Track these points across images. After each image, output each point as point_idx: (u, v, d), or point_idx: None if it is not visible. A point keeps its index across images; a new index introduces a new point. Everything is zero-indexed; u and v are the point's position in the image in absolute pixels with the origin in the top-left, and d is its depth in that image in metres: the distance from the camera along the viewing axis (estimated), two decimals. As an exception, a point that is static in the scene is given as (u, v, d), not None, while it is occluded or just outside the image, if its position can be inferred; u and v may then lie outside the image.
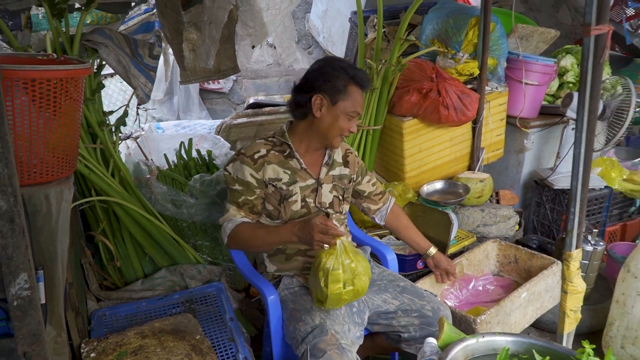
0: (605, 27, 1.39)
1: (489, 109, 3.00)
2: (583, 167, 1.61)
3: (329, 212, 1.98)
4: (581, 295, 1.82)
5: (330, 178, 2.00)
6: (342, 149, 2.08)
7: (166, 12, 2.16)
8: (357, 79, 1.85)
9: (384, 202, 2.24)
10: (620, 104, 3.00)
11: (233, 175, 1.90)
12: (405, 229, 2.27)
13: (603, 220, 3.19)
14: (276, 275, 1.99)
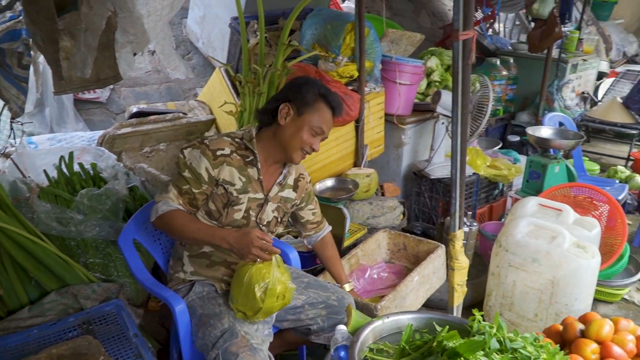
0: (471, 33, 1.59)
1: (369, 109, 3.20)
2: (460, 157, 1.80)
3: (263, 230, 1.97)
4: (466, 270, 2.04)
5: (278, 198, 1.98)
6: (297, 172, 2.07)
7: (38, 19, 2.02)
8: (328, 98, 1.87)
9: (316, 231, 2.23)
10: (480, 99, 3.37)
11: (187, 161, 1.83)
12: (328, 260, 2.27)
13: (474, 204, 3.55)
14: (188, 279, 1.94)
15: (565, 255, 2.36)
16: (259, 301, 1.70)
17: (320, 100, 1.85)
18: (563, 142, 3.26)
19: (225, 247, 1.74)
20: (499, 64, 4.71)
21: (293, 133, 1.84)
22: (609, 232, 3.02)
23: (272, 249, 1.71)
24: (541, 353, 1.31)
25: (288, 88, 1.90)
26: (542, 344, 1.41)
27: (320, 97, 1.85)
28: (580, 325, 1.68)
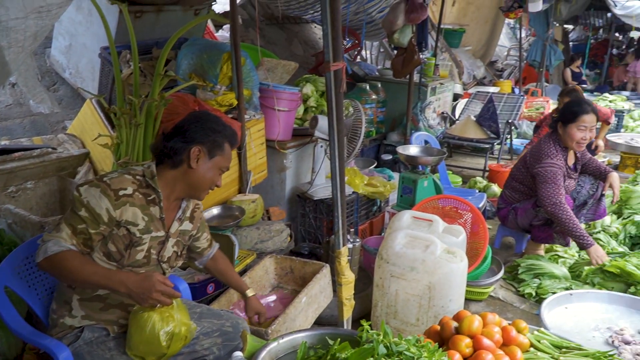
0: (341, 64, 1.73)
1: (250, 135, 3.26)
2: (339, 177, 1.93)
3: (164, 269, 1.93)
4: (352, 285, 2.16)
5: (177, 233, 1.95)
6: (193, 203, 2.04)
7: None
8: (232, 138, 1.93)
9: (207, 252, 2.23)
10: (353, 123, 3.59)
11: (84, 199, 1.70)
12: (224, 273, 2.28)
13: (355, 221, 3.74)
14: (77, 325, 1.81)
15: (439, 262, 2.59)
16: (164, 348, 1.67)
17: (226, 141, 1.91)
18: (429, 159, 3.58)
19: (123, 292, 1.65)
20: (369, 88, 5.06)
21: (205, 175, 1.86)
22: (474, 237, 3.36)
23: (174, 293, 1.68)
24: (422, 352, 1.44)
25: (196, 130, 1.86)
26: (423, 344, 1.55)
27: (226, 138, 1.91)
28: (454, 323, 1.87)
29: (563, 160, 3.43)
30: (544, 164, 3.37)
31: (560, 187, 3.32)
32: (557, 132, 3.48)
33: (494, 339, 1.78)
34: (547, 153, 3.42)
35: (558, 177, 3.33)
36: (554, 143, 3.47)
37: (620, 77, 12.42)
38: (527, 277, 3.37)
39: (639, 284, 2.99)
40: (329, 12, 1.63)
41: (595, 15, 12.15)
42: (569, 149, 3.48)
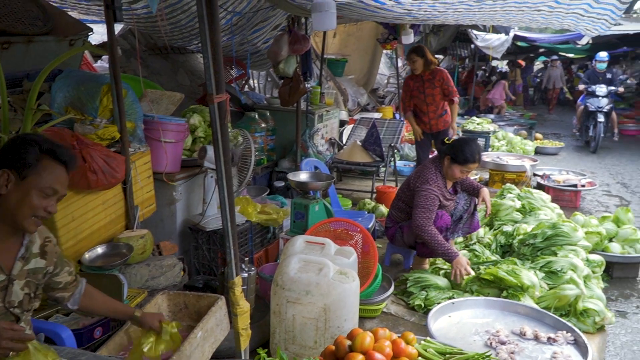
0: (224, 96, 1.76)
1: (136, 169, 3.16)
2: (229, 207, 1.94)
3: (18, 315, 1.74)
4: (248, 314, 2.16)
5: (25, 273, 1.75)
6: (41, 237, 1.84)
7: None
8: (55, 153, 1.70)
9: (76, 287, 2.04)
10: (243, 152, 3.62)
11: None
12: (103, 305, 2.12)
13: (250, 249, 3.74)
14: None
15: (332, 283, 2.67)
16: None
17: (44, 157, 1.69)
18: (318, 184, 3.70)
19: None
20: (257, 117, 5.12)
21: (19, 200, 1.65)
22: (365, 256, 3.51)
23: (25, 337, 1.54)
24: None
25: (2, 152, 1.68)
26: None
27: (45, 154, 1.69)
28: (348, 342, 1.94)
29: (442, 184, 3.74)
30: (423, 188, 3.65)
31: (431, 212, 3.59)
32: (442, 159, 3.76)
33: (384, 353, 1.87)
34: (427, 178, 3.70)
35: (432, 202, 3.61)
36: (436, 169, 3.76)
37: (486, 102, 13.78)
38: (415, 289, 3.58)
39: (510, 288, 3.30)
40: (209, 45, 1.66)
41: (461, 46, 13.41)
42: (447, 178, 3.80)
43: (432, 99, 5.46)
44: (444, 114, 5.59)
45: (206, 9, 1.59)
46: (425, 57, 5.35)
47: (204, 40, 1.64)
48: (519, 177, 6.55)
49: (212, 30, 1.62)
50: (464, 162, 3.64)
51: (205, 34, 1.62)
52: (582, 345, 2.62)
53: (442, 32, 9.92)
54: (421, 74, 5.41)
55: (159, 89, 3.75)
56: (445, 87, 5.43)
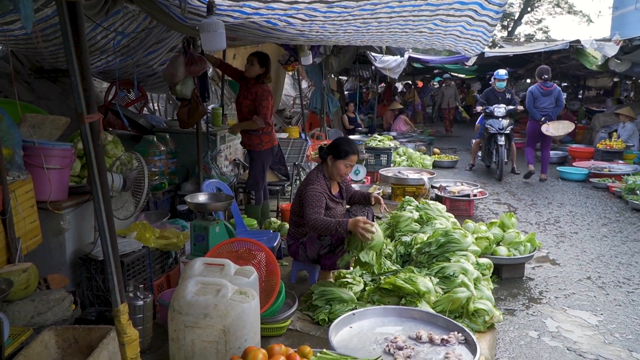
0: (96, 116, 1.70)
1: (16, 198, 2.94)
2: (109, 233, 1.86)
3: None
4: (136, 342, 2.07)
5: None
6: None
7: None
8: None
9: None
10: (137, 175, 3.50)
11: None
12: None
13: (149, 276, 3.60)
14: None
15: (230, 304, 2.64)
16: None
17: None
18: (217, 204, 3.66)
19: None
20: (156, 140, 4.98)
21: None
22: (269, 275, 3.50)
23: None
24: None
25: None
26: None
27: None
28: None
29: (326, 186, 3.90)
30: (308, 189, 3.79)
31: (319, 207, 3.70)
32: (325, 165, 3.94)
33: (278, 368, 1.87)
34: (311, 180, 3.87)
35: (319, 199, 3.74)
36: (320, 173, 3.95)
37: (389, 120, 14.39)
38: (320, 303, 3.62)
39: (408, 295, 3.44)
40: (76, 63, 1.60)
41: (362, 68, 13.97)
42: (332, 180, 3.95)
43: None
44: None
45: (70, 26, 1.53)
46: (267, 66, 5.06)
47: (69, 58, 1.58)
48: (419, 190, 6.90)
49: (78, 47, 1.57)
50: (345, 156, 3.86)
51: (70, 51, 1.57)
52: (472, 344, 2.78)
53: (343, 53, 10.27)
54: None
55: (42, 113, 3.54)
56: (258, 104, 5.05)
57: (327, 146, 4.00)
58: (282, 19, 3.47)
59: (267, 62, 5.11)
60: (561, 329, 3.69)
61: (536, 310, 3.98)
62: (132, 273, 3.38)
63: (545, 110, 8.68)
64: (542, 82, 8.73)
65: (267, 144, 5.21)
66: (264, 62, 5.09)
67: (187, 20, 3.41)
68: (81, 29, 1.55)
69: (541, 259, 5.11)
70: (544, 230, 6.11)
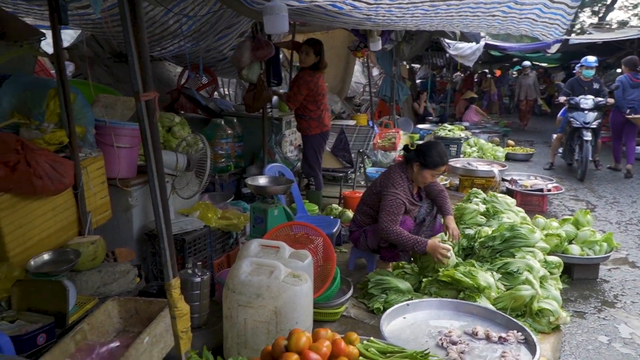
0: (152, 94, 1.75)
1: (88, 174, 3.11)
2: (162, 208, 1.92)
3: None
4: (187, 316, 2.12)
5: None
6: None
7: None
8: None
9: None
10: (201, 157, 3.60)
11: None
12: None
13: (209, 255, 3.70)
14: None
15: (283, 286, 2.65)
16: None
17: None
18: (277, 188, 3.69)
19: None
20: (224, 124, 5.10)
21: None
22: (325, 261, 3.49)
23: None
24: (239, 371, 1.46)
25: None
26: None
27: None
28: (285, 342, 1.92)
29: (408, 190, 3.76)
30: (389, 192, 3.68)
31: (397, 215, 3.62)
32: (409, 165, 3.78)
33: (320, 352, 1.86)
34: (394, 182, 3.73)
35: (398, 207, 3.64)
36: (403, 174, 3.79)
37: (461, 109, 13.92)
38: (376, 291, 3.58)
39: (467, 289, 3.31)
40: (133, 43, 1.65)
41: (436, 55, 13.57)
42: (415, 183, 3.83)
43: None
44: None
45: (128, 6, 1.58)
46: (321, 54, 4.99)
47: (126, 37, 1.63)
48: (488, 182, 6.62)
49: (135, 28, 1.61)
50: (434, 166, 3.70)
51: (128, 30, 1.61)
52: (532, 344, 2.64)
53: (415, 40, 10.02)
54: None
55: (115, 94, 3.72)
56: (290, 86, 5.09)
57: (416, 150, 3.77)
58: (347, 2, 3.41)
59: (321, 50, 5.05)
60: (635, 335, 3.42)
61: (609, 314, 3.72)
62: (193, 251, 3.50)
63: (632, 102, 8.02)
64: (633, 73, 8.07)
65: (315, 128, 5.17)
66: (318, 51, 5.03)
67: (253, 4, 3.44)
68: (138, 8, 1.59)
69: (619, 260, 4.75)
70: (624, 230, 5.69)
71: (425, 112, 12.32)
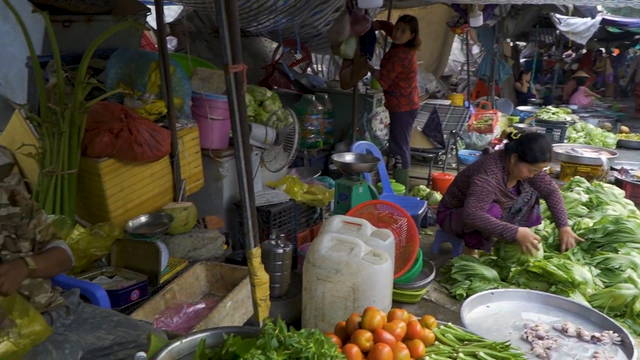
0: (241, 66, 1.78)
1: (183, 144, 3.28)
2: (247, 179, 1.97)
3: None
4: (266, 285, 2.18)
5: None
6: (7, 192, 2.02)
7: None
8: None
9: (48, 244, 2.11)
10: (290, 131, 3.65)
11: None
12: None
13: (294, 228, 3.78)
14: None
15: (362, 263, 2.64)
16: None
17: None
18: (363, 165, 3.66)
19: None
20: (315, 99, 5.13)
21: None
22: (409, 242, 3.44)
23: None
24: (309, 343, 1.47)
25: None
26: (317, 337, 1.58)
27: None
28: (359, 319, 1.91)
29: (500, 181, 3.51)
30: (479, 177, 3.48)
31: (484, 203, 3.42)
32: (508, 155, 3.52)
33: (394, 332, 1.83)
34: (486, 169, 3.52)
35: (487, 194, 3.43)
36: (500, 162, 3.54)
37: (568, 91, 12.88)
38: (460, 277, 3.46)
39: (559, 282, 3.10)
40: (224, 15, 1.68)
41: (545, 32, 12.63)
42: (511, 175, 3.55)
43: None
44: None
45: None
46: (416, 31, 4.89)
47: (218, 9, 1.66)
48: (594, 171, 6.11)
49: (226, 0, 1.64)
50: (533, 161, 3.39)
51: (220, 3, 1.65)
52: (629, 347, 2.42)
53: (521, 15, 9.38)
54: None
55: (212, 68, 3.86)
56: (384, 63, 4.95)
57: (517, 140, 3.50)
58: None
59: (417, 27, 4.90)
60: None
61: None
62: (278, 223, 3.58)
63: None
64: None
65: (404, 106, 5.02)
66: (414, 28, 4.86)
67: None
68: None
69: None
70: None
71: (529, 93, 11.56)
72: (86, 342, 1.96)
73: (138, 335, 2.02)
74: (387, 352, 1.73)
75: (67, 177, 2.80)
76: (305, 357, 1.46)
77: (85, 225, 2.94)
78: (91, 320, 2.07)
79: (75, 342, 1.92)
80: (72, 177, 2.82)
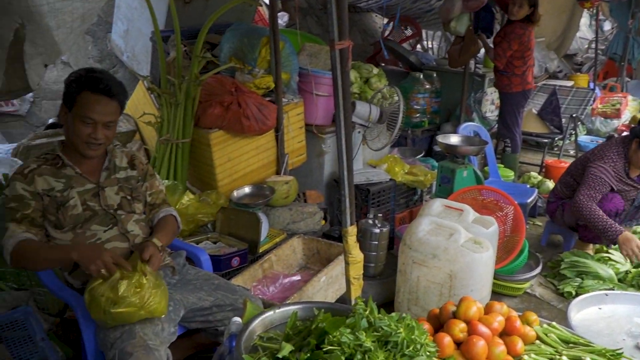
0: (346, 43, 1.75)
1: (288, 119, 3.34)
2: (346, 156, 1.96)
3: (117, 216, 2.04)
4: (360, 264, 2.18)
5: (115, 181, 2.08)
6: (127, 156, 2.18)
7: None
8: (92, 85, 1.90)
9: (156, 213, 2.23)
10: (394, 110, 3.57)
11: (9, 195, 1.92)
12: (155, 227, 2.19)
13: (392, 208, 3.73)
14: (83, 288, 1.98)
15: (461, 250, 2.54)
16: (107, 312, 1.75)
17: (84, 89, 1.90)
18: (468, 148, 3.50)
19: (74, 258, 1.81)
20: (422, 77, 4.97)
21: (69, 129, 1.95)
22: (514, 232, 3.25)
23: (121, 263, 1.80)
24: (399, 328, 1.45)
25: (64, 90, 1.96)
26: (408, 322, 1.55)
27: (85, 88, 1.90)
28: (453, 307, 1.85)
29: (621, 169, 3.26)
30: (595, 164, 3.24)
31: (597, 192, 3.19)
32: (630, 143, 3.26)
33: (491, 326, 1.74)
34: (604, 156, 3.27)
35: (601, 183, 3.19)
36: (621, 148, 3.28)
37: None
38: (570, 273, 3.23)
39: (688, 289, 2.78)
40: (331, -9, 1.66)
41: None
42: (632, 164, 3.28)
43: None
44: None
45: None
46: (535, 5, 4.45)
47: (325, -16, 1.64)
48: None
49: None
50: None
51: (327, -22, 1.63)
52: None
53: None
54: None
55: (320, 44, 3.87)
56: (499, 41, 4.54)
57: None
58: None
59: (536, 1, 4.46)
60: None
61: None
62: (377, 202, 3.55)
63: None
64: None
65: (517, 86, 4.64)
66: (533, 1, 4.43)
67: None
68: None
69: None
70: None
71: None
72: (188, 301, 2.08)
73: (235, 300, 2.11)
74: (481, 346, 1.65)
75: (181, 145, 2.98)
76: (395, 342, 1.44)
77: (195, 192, 3.13)
78: (194, 282, 2.20)
79: (179, 300, 2.05)
80: (186, 146, 3.00)
